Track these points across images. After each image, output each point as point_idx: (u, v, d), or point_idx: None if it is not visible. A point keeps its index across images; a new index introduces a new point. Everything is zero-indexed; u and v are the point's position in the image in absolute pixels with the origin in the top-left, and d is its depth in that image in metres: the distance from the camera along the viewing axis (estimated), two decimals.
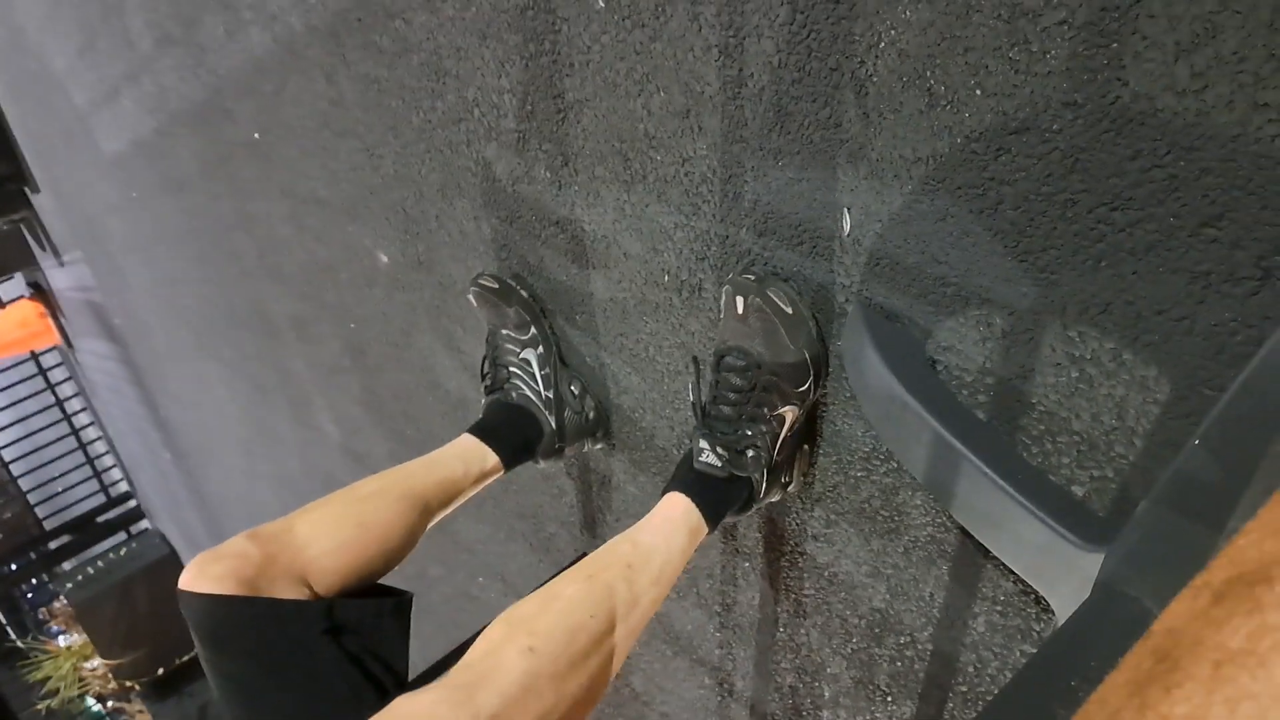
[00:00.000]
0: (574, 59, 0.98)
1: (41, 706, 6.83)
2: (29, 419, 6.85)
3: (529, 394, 1.18)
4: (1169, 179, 0.55)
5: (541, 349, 1.21)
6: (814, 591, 1.02)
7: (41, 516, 7.39)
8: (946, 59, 0.64)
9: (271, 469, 3.29)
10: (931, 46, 0.65)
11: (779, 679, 1.16)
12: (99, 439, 7.70)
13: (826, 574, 0.99)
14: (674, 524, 0.87)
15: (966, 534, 0.78)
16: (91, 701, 7.28)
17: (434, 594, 2.33)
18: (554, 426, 1.19)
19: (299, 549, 0.81)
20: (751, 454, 0.88)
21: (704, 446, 0.90)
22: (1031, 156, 0.62)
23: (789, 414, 0.86)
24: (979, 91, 0.63)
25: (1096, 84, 0.57)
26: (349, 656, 0.77)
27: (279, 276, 2.18)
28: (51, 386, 7.20)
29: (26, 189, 5.24)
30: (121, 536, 7.44)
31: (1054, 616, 0.71)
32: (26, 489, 7.29)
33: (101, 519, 7.40)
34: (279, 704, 0.73)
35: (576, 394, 1.22)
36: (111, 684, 6.59)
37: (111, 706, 7.16)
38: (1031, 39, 0.59)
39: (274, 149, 1.84)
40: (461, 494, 1.04)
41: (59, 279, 6.09)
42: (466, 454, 1.07)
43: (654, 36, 0.87)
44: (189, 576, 0.74)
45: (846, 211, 0.77)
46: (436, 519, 1.00)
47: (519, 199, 1.19)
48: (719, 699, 1.34)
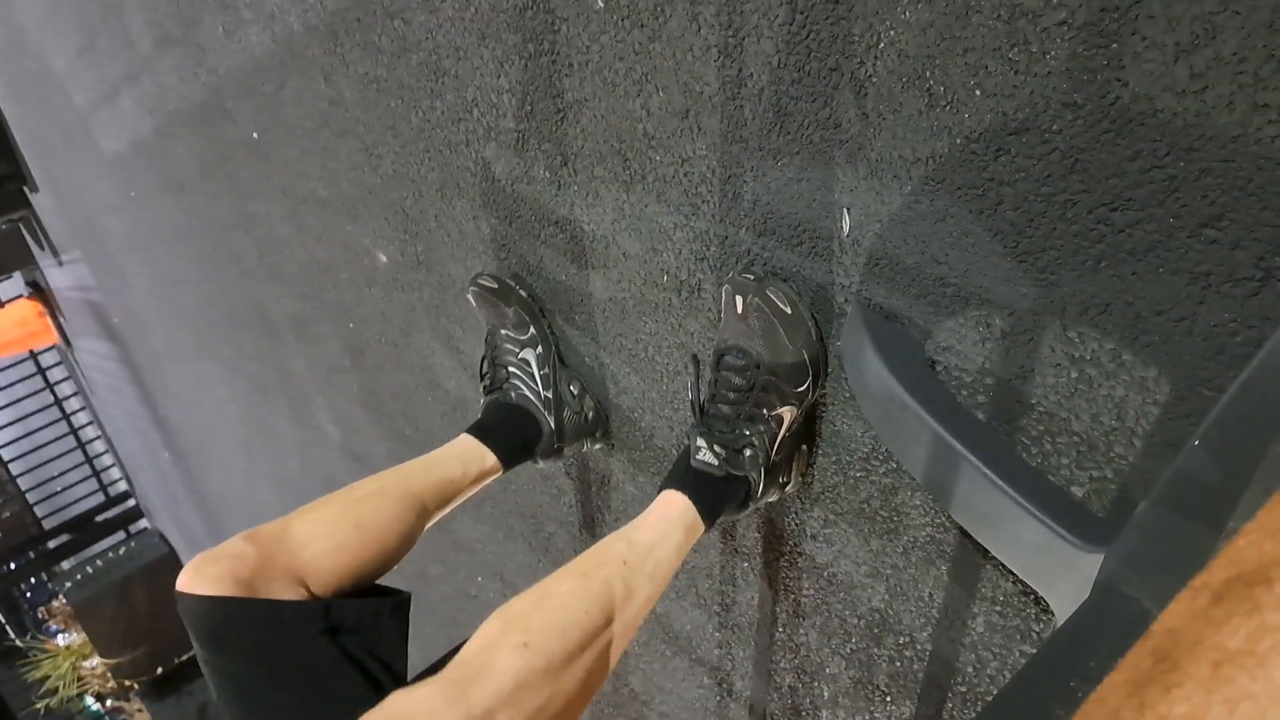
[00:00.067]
0: (573, 59, 0.97)
1: (40, 705, 6.82)
2: (28, 418, 6.85)
3: (528, 394, 1.18)
4: (1169, 180, 0.55)
5: (540, 349, 1.21)
6: (813, 591, 1.02)
7: (40, 516, 7.39)
8: (946, 59, 0.64)
9: (271, 468, 3.28)
10: (931, 47, 0.65)
11: (778, 679, 1.16)
12: (98, 438, 7.70)
13: (825, 574, 0.99)
14: (670, 521, 0.87)
15: (966, 534, 0.78)
16: (90, 700, 7.28)
17: (433, 593, 2.33)
18: (553, 426, 1.19)
19: (296, 550, 0.81)
20: (749, 453, 0.88)
21: (701, 445, 0.90)
22: (1031, 157, 0.62)
23: (787, 414, 0.86)
24: (978, 92, 0.63)
25: (1096, 85, 0.56)
26: (347, 657, 0.77)
27: (278, 276, 2.18)
28: (50, 386, 7.20)
29: (26, 188, 5.24)
30: (120, 536, 7.43)
31: (1053, 617, 0.71)
32: (25, 488, 7.29)
33: (100, 518, 7.39)
34: (278, 704, 0.73)
35: (575, 394, 1.22)
36: (110, 683, 6.58)
37: (110, 705, 7.16)
38: (1031, 39, 0.59)
39: (273, 149, 1.83)
40: (460, 494, 1.04)
41: (58, 278, 6.09)
42: (465, 454, 1.07)
43: (653, 36, 0.86)
44: (186, 578, 0.74)
45: (846, 212, 0.77)
46: (435, 519, 1.00)
47: (518, 199, 1.19)
48: (718, 699, 1.34)
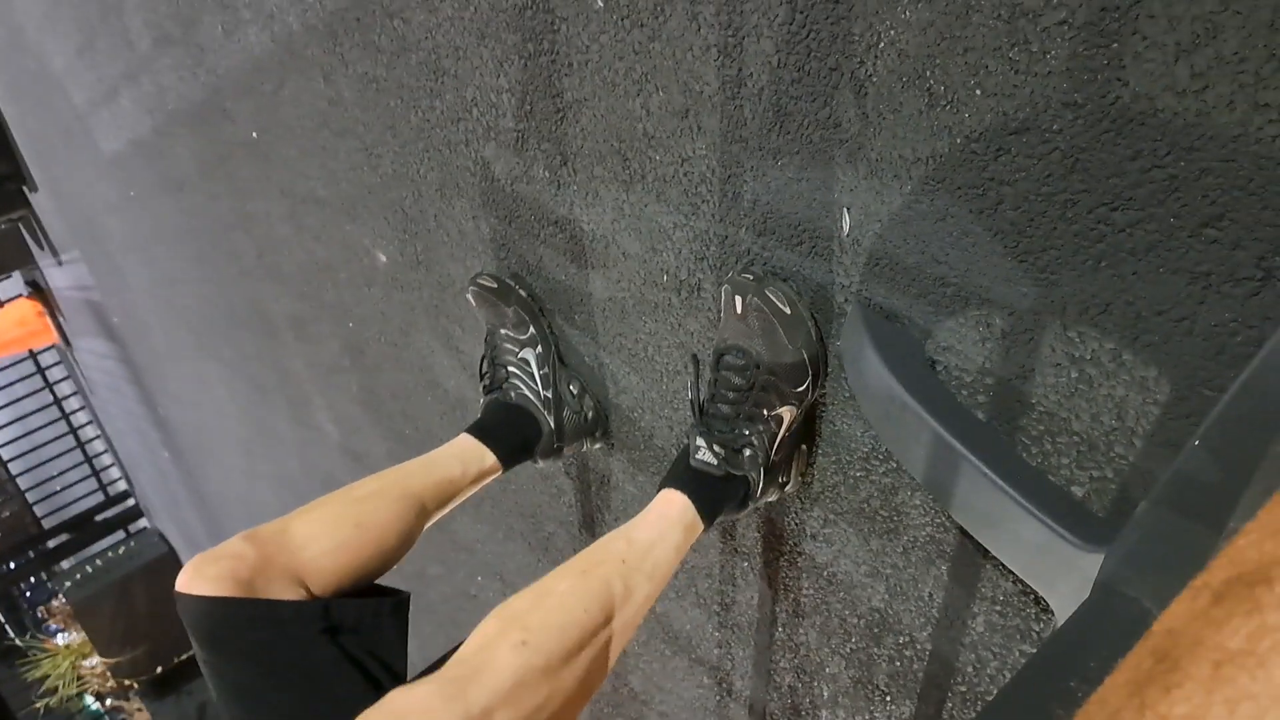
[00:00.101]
0: (572, 58, 0.97)
1: (40, 705, 6.82)
2: (27, 418, 6.84)
3: (527, 393, 1.18)
4: (1169, 179, 0.55)
5: (540, 348, 1.21)
6: (813, 591, 1.02)
7: (40, 515, 7.39)
8: (946, 59, 0.64)
9: (270, 468, 3.28)
10: (931, 46, 0.64)
11: (778, 679, 1.16)
12: (97, 438, 7.70)
13: (825, 574, 0.99)
14: (669, 520, 0.87)
15: (965, 534, 0.78)
16: (90, 700, 7.28)
17: (433, 593, 2.33)
18: (552, 426, 1.19)
19: (296, 550, 0.81)
20: (748, 453, 0.88)
21: (701, 444, 0.89)
22: (1031, 157, 0.62)
23: (787, 414, 0.86)
24: (979, 91, 0.63)
25: (1097, 84, 0.56)
26: (347, 656, 0.77)
27: (278, 276, 2.17)
28: (50, 385, 7.20)
29: (25, 188, 5.23)
30: (120, 535, 7.43)
31: (1053, 617, 0.71)
32: (25, 488, 7.29)
33: (100, 518, 7.39)
34: (277, 704, 0.73)
35: (575, 393, 1.21)
36: (110, 682, 6.58)
37: (110, 705, 7.16)
38: (1031, 39, 0.59)
39: (272, 148, 1.83)
40: (459, 494, 1.04)
41: (57, 278, 6.08)
42: (464, 454, 1.07)
43: (653, 36, 0.86)
44: (186, 578, 0.74)
45: (846, 211, 0.77)
46: (434, 519, 1.00)
47: (517, 198, 1.18)
48: (718, 699, 1.34)
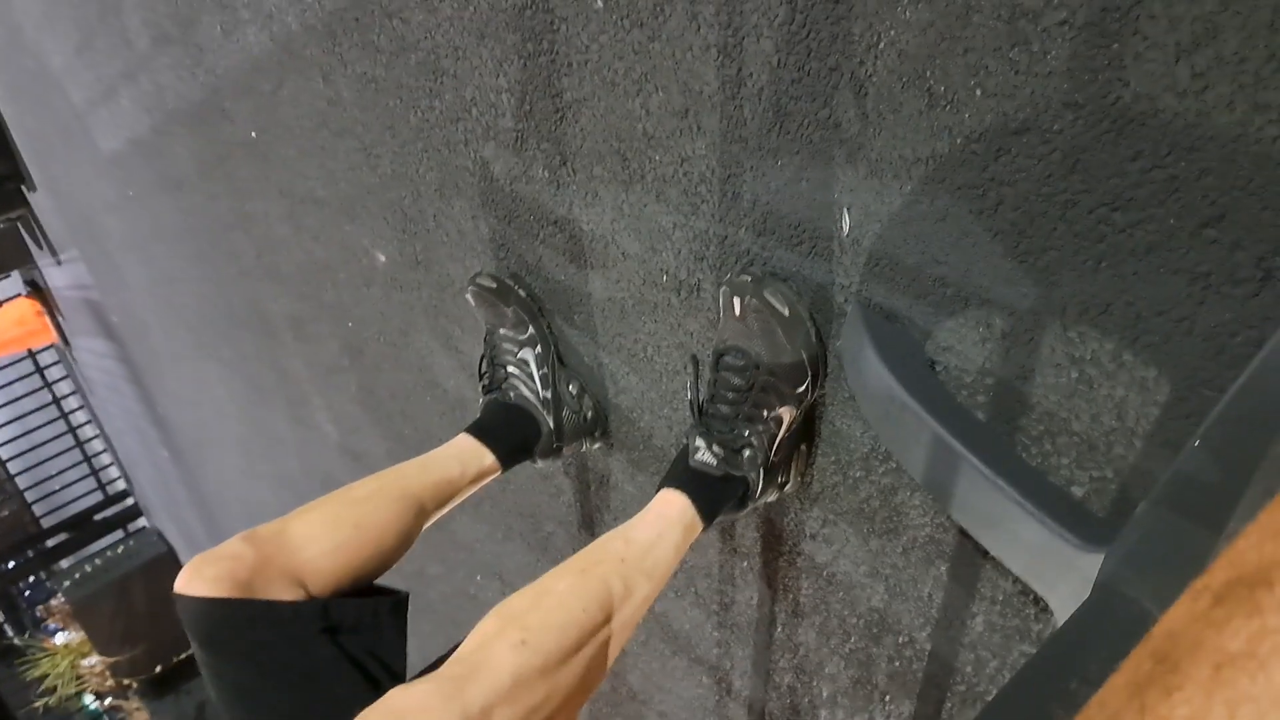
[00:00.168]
0: (572, 58, 0.97)
1: (39, 704, 6.83)
2: (26, 417, 6.84)
3: (527, 393, 1.18)
4: (1169, 180, 0.55)
5: (539, 348, 1.21)
6: (812, 591, 1.02)
7: (39, 514, 7.39)
8: (946, 59, 0.64)
9: (269, 468, 3.28)
10: (931, 47, 0.64)
11: (777, 678, 1.16)
12: (96, 437, 7.69)
13: (825, 574, 0.99)
14: (668, 520, 0.87)
15: (965, 534, 0.78)
16: (89, 699, 7.28)
17: (432, 592, 2.32)
18: (552, 426, 1.18)
19: (294, 550, 0.81)
20: (748, 453, 0.88)
21: (700, 444, 0.89)
22: (1032, 157, 0.62)
23: (786, 414, 0.86)
24: (979, 92, 0.63)
25: (1097, 84, 0.56)
26: (346, 656, 0.77)
27: (277, 276, 2.17)
28: (49, 385, 7.19)
29: (23, 187, 5.23)
30: (119, 534, 7.43)
31: (1053, 617, 0.71)
32: (24, 487, 7.29)
33: (99, 517, 7.39)
34: (277, 705, 0.73)
35: (574, 393, 1.21)
36: (109, 681, 6.58)
37: (109, 704, 7.16)
38: (1032, 39, 0.59)
39: (271, 148, 1.83)
40: (458, 494, 1.04)
41: (56, 277, 6.08)
42: (463, 454, 1.07)
43: (652, 36, 0.86)
44: (184, 579, 0.74)
45: (846, 211, 0.77)
46: (433, 519, 1.00)
47: (517, 198, 1.18)
48: (717, 698, 1.34)
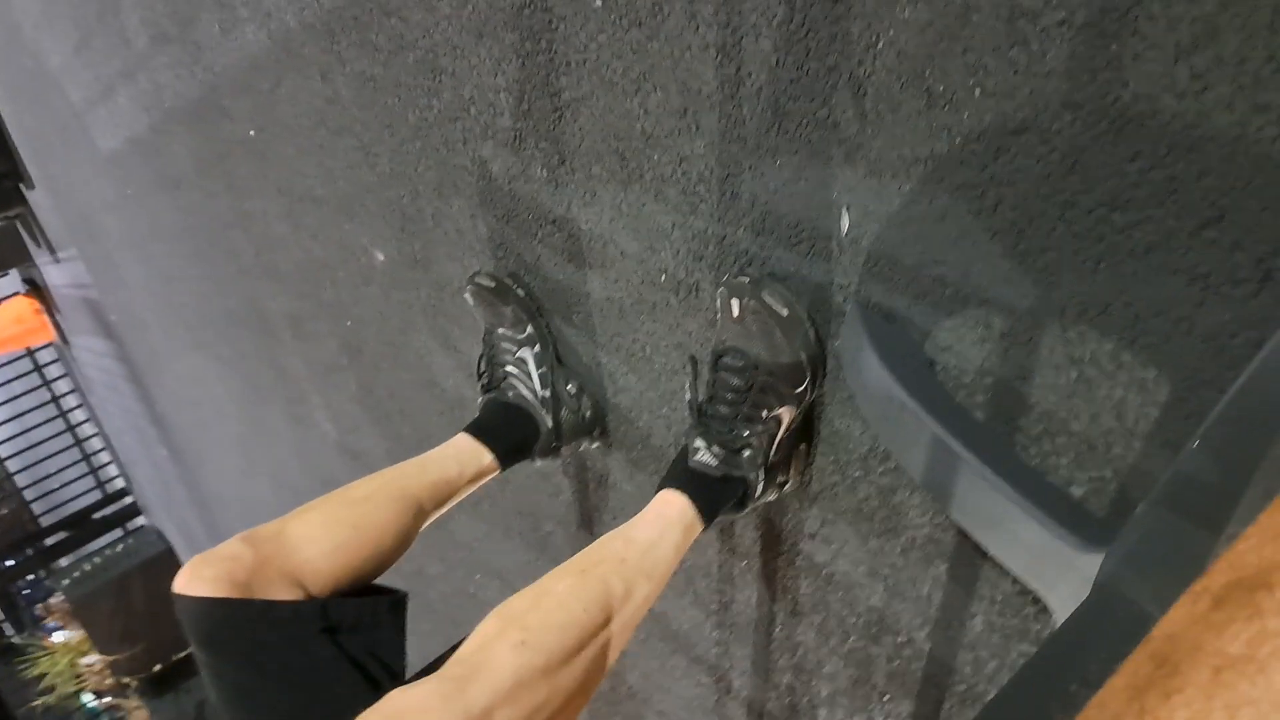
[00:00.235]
0: (570, 57, 0.97)
1: (39, 703, 6.82)
2: (25, 415, 6.83)
3: (525, 393, 1.18)
4: (1168, 180, 0.55)
5: (538, 348, 1.21)
6: (811, 591, 1.02)
7: (38, 513, 7.38)
8: (945, 59, 0.64)
9: (268, 466, 3.28)
10: (930, 46, 0.64)
11: (776, 678, 1.16)
12: (95, 435, 7.68)
13: (824, 573, 0.99)
14: (668, 520, 0.87)
15: (964, 534, 0.78)
16: (88, 698, 7.28)
17: (432, 591, 2.32)
18: (550, 425, 1.18)
19: (293, 551, 0.81)
20: (748, 454, 0.88)
21: (700, 445, 0.89)
22: (1031, 157, 0.61)
23: (786, 414, 0.86)
24: (978, 91, 0.63)
25: (1096, 85, 0.56)
26: (345, 656, 0.77)
27: (275, 274, 2.17)
28: (47, 383, 7.19)
29: (22, 185, 5.22)
30: (118, 533, 7.42)
31: (1052, 617, 0.71)
32: (22, 485, 7.28)
33: (98, 515, 7.38)
34: (276, 705, 0.73)
35: (573, 393, 1.21)
36: (108, 680, 6.58)
37: (108, 703, 7.15)
38: (1031, 39, 0.58)
39: (270, 147, 1.83)
40: (457, 494, 1.04)
41: (54, 275, 6.07)
42: (462, 454, 1.07)
43: (651, 35, 0.86)
44: (183, 579, 0.74)
45: (844, 211, 0.77)
46: (431, 519, 1.00)
47: (515, 197, 1.18)
48: (716, 697, 1.34)
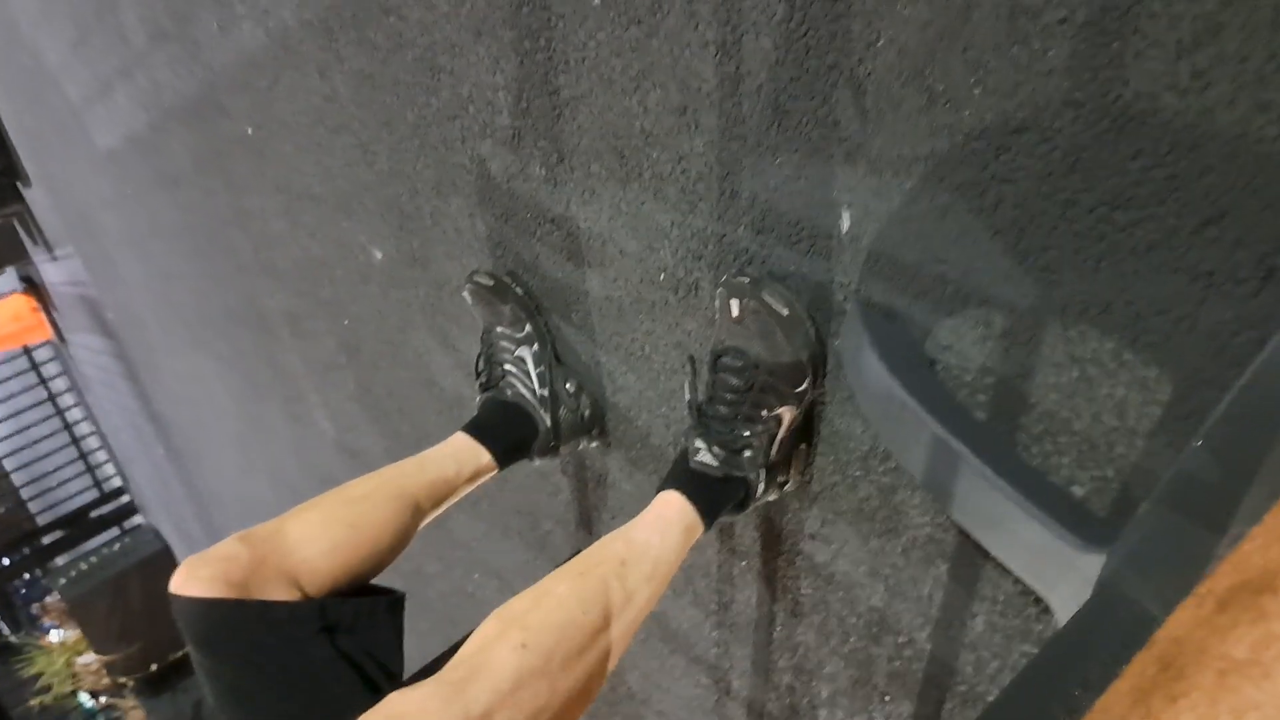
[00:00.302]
0: (569, 55, 0.97)
1: (35, 702, 6.81)
2: (21, 414, 6.82)
3: (524, 392, 1.18)
4: (1170, 178, 0.55)
5: (537, 346, 1.20)
6: (811, 591, 1.02)
7: (34, 512, 7.39)
8: (946, 57, 0.63)
9: (266, 465, 3.28)
10: (931, 44, 0.64)
11: (776, 678, 1.16)
12: (92, 434, 7.68)
13: (824, 573, 0.98)
14: (668, 521, 0.87)
15: (965, 534, 0.78)
16: (85, 697, 7.27)
17: (430, 591, 2.32)
18: (549, 424, 1.18)
19: (290, 551, 0.81)
20: (748, 454, 0.87)
21: (700, 446, 0.89)
22: (1032, 155, 0.61)
23: (786, 414, 0.86)
24: (978, 90, 0.63)
25: (1097, 83, 0.56)
26: (343, 656, 0.77)
27: (274, 272, 2.17)
28: (44, 381, 7.18)
29: (19, 183, 5.22)
30: (115, 532, 7.41)
31: (1054, 617, 0.71)
32: (19, 484, 7.28)
33: (95, 514, 7.37)
34: (273, 706, 0.72)
35: (572, 392, 1.21)
36: (105, 680, 6.57)
37: (105, 702, 7.14)
38: (1032, 37, 0.58)
39: (268, 144, 1.82)
40: (455, 493, 1.04)
41: (51, 273, 6.06)
42: (460, 453, 1.06)
43: (650, 33, 0.86)
44: (179, 580, 0.74)
45: (845, 209, 0.77)
46: (429, 518, 0.99)
47: (514, 196, 1.18)
48: (715, 698, 1.33)
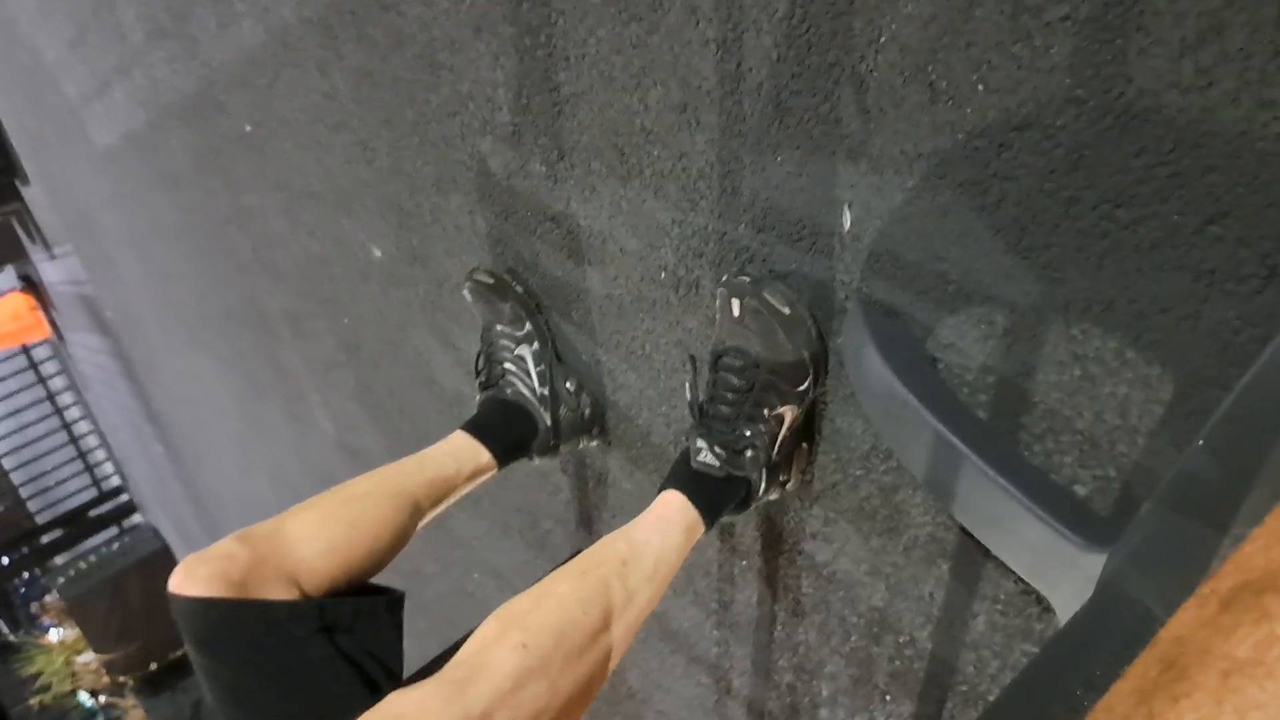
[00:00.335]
0: (570, 52, 0.96)
1: (34, 701, 6.82)
2: (20, 413, 6.82)
3: (524, 390, 1.17)
4: (1173, 176, 0.55)
5: (537, 345, 1.20)
6: (812, 590, 1.01)
7: (33, 511, 7.38)
8: (948, 54, 0.63)
9: (266, 464, 3.27)
10: (933, 41, 0.64)
11: (777, 677, 1.16)
12: (91, 433, 7.68)
13: (825, 572, 0.98)
14: (670, 521, 0.86)
15: (967, 533, 0.78)
16: (84, 696, 7.27)
17: (429, 590, 2.32)
18: (549, 423, 1.18)
19: (289, 550, 0.80)
20: (750, 454, 0.87)
21: (701, 446, 0.89)
22: (1034, 153, 0.61)
23: (788, 413, 0.86)
24: (981, 87, 0.62)
25: (1100, 80, 0.56)
26: (342, 656, 0.76)
27: (273, 271, 2.16)
28: (43, 380, 7.18)
29: (17, 181, 5.21)
30: (114, 531, 7.41)
31: (1055, 616, 0.71)
32: (18, 483, 7.28)
33: (93, 513, 7.37)
34: (272, 705, 0.72)
35: (572, 390, 1.21)
36: (104, 679, 6.57)
37: (104, 701, 7.15)
38: (1035, 34, 0.58)
39: (267, 142, 1.82)
40: (454, 492, 1.03)
41: (50, 272, 6.06)
42: (459, 451, 1.06)
43: (651, 30, 0.86)
44: (178, 579, 0.73)
45: (846, 207, 0.77)
46: (428, 517, 0.99)
47: (514, 193, 1.18)
48: (716, 697, 1.33)
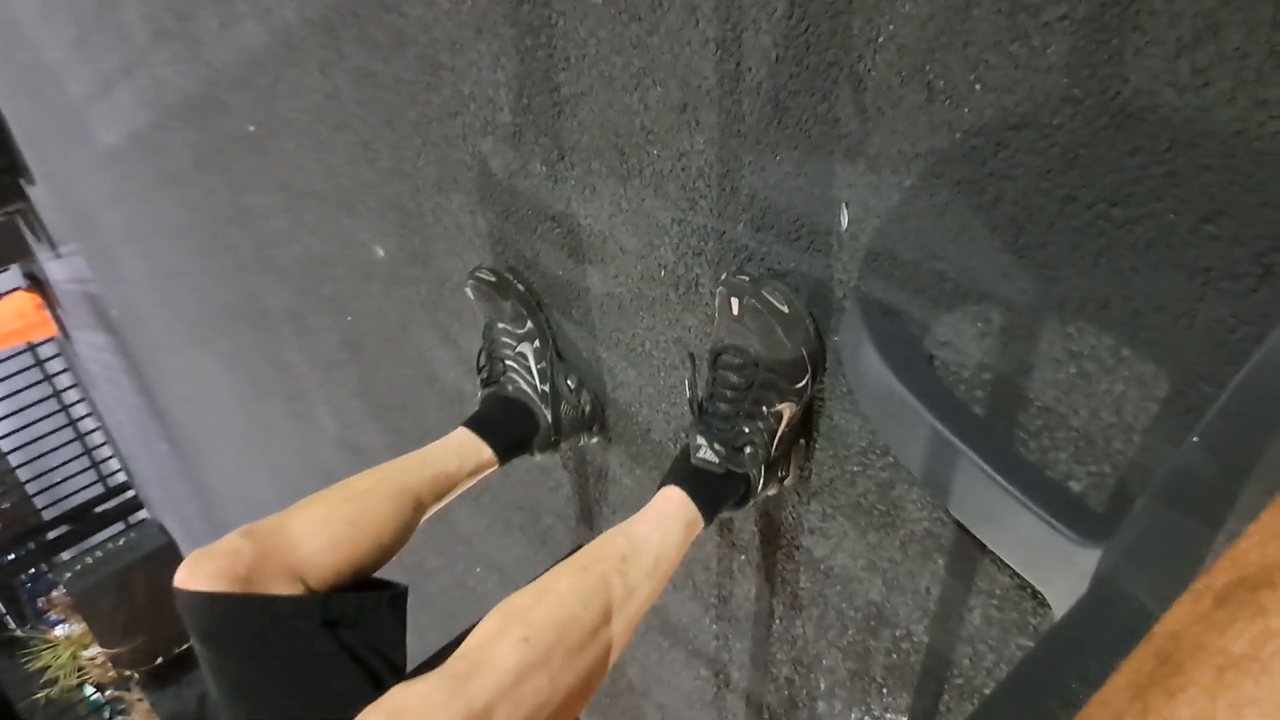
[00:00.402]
0: (570, 53, 0.97)
1: (41, 695, 6.84)
2: (27, 410, 6.84)
3: (525, 387, 1.18)
4: (1169, 175, 0.55)
5: (538, 342, 1.21)
6: (810, 584, 1.02)
7: (40, 507, 7.40)
8: (946, 54, 0.64)
9: (269, 461, 3.28)
10: (931, 41, 0.64)
11: (775, 671, 1.16)
12: (96, 430, 7.70)
13: (822, 567, 0.99)
14: (669, 517, 0.87)
15: (963, 528, 0.78)
16: (91, 690, 7.29)
17: (432, 585, 2.33)
18: (550, 420, 1.18)
19: (293, 546, 0.81)
20: (749, 450, 0.88)
21: (701, 443, 0.89)
22: (1031, 152, 0.61)
23: (786, 410, 0.86)
24: (978, 87, 0.63)
25: (1097, 79, 0.56)
26: (346, 650, 0.77)
27: (275, 270, 2.17)
28: (49, 377, 7.20)
29: (22, 181, 5.22)
30: (119, 526, 7.43)
31: (1050, 611, 0.71)
32: (24, 479, 7.30)
33: (99, 509, 7.39)
34: (276, 699, 0.73)
35: (573, 388, 1.21)
36: (110, 673, 6.59)
37: (111, 695, 7.17)
38: (1032, 33, 0.58)
39: (269, 142, 1.83)
40: (456, 488, 1.04)
41: (55, 270, 6.07)
42: (461, 448, 1.07)
43: (651, 30, 0.86)
44: (183, 574, 0.74)
45: (844, 206, 0.77)
46: (430, 513, 1.00)
47: (515, 193, 1.18)
48: (715, 690, 1.34)
